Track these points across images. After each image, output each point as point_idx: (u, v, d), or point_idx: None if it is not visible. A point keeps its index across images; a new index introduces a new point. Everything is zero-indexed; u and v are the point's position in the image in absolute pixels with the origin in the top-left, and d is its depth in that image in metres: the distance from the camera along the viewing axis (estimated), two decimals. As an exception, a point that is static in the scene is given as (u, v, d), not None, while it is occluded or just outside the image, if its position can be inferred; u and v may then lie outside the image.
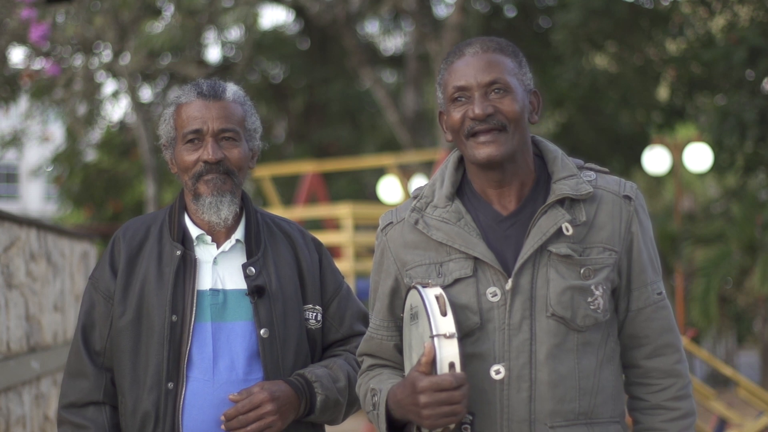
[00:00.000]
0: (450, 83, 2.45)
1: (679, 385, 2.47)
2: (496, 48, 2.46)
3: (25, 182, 39.37)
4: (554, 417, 2.37)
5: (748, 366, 17.44)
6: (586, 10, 12.76)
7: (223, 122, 2.74)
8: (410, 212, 2.51)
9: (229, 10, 15.77)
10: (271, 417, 2.63)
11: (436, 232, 2.45)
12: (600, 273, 2.41)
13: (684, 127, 16.72)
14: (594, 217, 2.44)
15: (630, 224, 2.46)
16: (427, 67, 17.61)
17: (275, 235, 2.85)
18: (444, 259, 2.44)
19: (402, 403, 2.36)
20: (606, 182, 2.49)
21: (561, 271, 2.39)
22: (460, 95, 2.43)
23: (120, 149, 20.27)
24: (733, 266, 13.08)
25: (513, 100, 2.42)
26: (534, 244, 2.39)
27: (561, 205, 2.43)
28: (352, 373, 2.80)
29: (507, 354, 2.38)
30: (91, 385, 2.75)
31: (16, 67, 11.97)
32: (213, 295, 2.73)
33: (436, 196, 2.50)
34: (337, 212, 11.62)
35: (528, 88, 2.48)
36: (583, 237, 2.42)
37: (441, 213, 2.47)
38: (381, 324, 2.56)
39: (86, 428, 2.73)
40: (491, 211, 2.46)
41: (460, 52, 2.46)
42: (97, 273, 2.81)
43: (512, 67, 2.45)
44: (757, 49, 10.90)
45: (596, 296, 2.40)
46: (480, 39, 2.49)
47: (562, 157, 2.50)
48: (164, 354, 2.68)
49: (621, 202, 2.46)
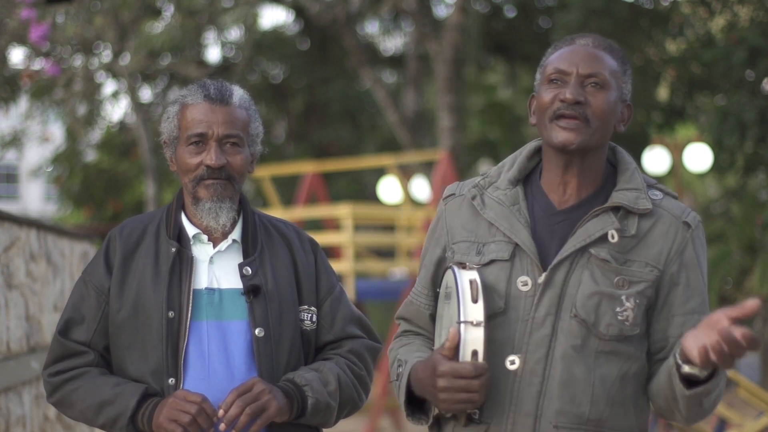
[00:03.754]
0: (552, 64, 2.48)
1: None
2: (606, 47, 2.49)
3: (25, 182, 39.38)
4: (560, 417, 2.37)
5: (748, 366, 17.43)
6: (586, 10, 12.75)
7: (228, 128, 2.75)
8: (471, 188, 2.55)
9: (229, 11, 15.76)
10: (266, 396, 2.63)
11: (488, 211, 2.49)
12: (635, 286, 2.41)
13: (684, 127, 16.72)
14: (646, 234, 2.44)
15: (683, 249, 2.46)
16: (427, 67, 17.61)
17: (272, 236, 2.85)
18: (488, 239, 2.47)
19: (422, 382, 2.40)
20: (670, 204, 2.49)
21: (595, 275, 2.40)
22: (558, 77, 2.45)
23: (120, 149, 20.27)
24: (733, 266, 13.06)
25: (606, 98, 2.44)
26: (577, 243, 2.40)
27: (615, 213, 2.43)
28: (343, 376, 2.80)
29: (525, 346, 2.39)
30: (78, 360, 2.76)
31: (16, 67, 11.98)
32: (209, 294, 2.73)
33: (500, 178, 2.53)
34: (337, 212, 11.62)
35: (624, 96, 2.50)
36: (628, 249, 2.42)
37: (499, 194, 2.50)
38: (422, 291, 2.60)
39: (76, 369, 2.75)
40: (547, 203, 2.48)
41: (571, 40, 2.51)
42: (90, 268, 2.81)
43: (615, 70, 2.48)
44: (757, 49, 10.89)
45: (626, 307, 2.40)
46: (594, 35, 2.53)
47: (634, 170, 2.51)
48: (163, 350, 2.69)
49: (679, 226, 2.46)
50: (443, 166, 12.15)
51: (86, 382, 2.73)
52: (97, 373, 2.74)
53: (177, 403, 2.61)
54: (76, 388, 2.73)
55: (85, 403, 2.72)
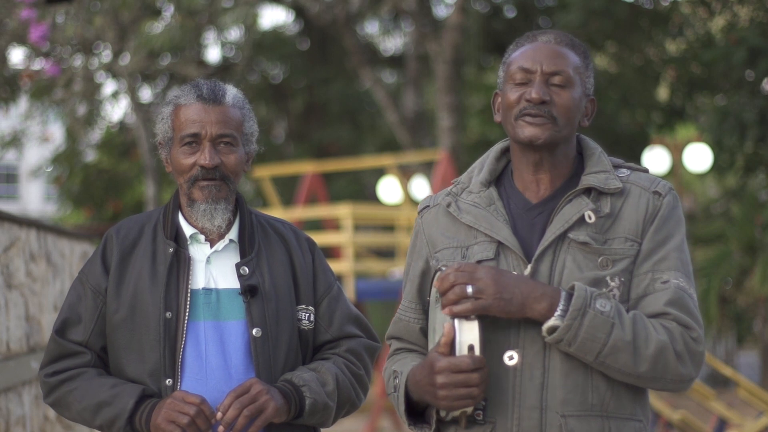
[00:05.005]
0: (515, 63, 2.48)
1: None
2: (568, 43, 2.50)
3: (25, 182, 39.37)
4: (566, 406, 2.38)
5: (748, 366, 17.43)
6: (586, 10, 12.76)
7: (222, 127, 2.74)
8: (445, 196, 2.56)
9: (229, 11, 15.75)
10: (264, 396, 2.63)
11: (465, 215, 2.50)
12: (618, 264, 2.41)
13: (684, 127, 16.72)
14: (619, 210, 2.45)
15: (654, 217, 2.45)
16: (427, 68, 17.60)
17: (269, 235, 2.85)
18: (471, 242, 2.48)
19: (420, 383, 2.39)
20: (638, 178, 2.50)
21: (578, 259, 2.41)
22: (522, 77, 2.46)
23: (120, 149, 20.27)
24: (733, 266, 13.06)
25: (570, 95, 2.46)
26: (556, 230, 2.42)
27: (587, 195, 2.45)
28: (341, 375, 2.79)
29: (521, 340, 2.40)
30: (75, 360, 2.76)
31: (16, 67, 11.98)
32: (206, 294, 2.73)
33: (472, 182, 2.55)
34: (337, 212, 11.62)
35: (587, 91, 2.52)
36: (606, 228, 2.43)
37: (474, 198, 2.52)
38: (409, 306, 2.59)
39: (73, 369, 2.74)
40: (522, 199, 2.50)
41: (533, 37, 2.51)
42: (87, 268, 2.81)
43: (578, 66, 2.49)
44: (756, 49, 10.90)
45: (611, 287, 2.40)
46: (555, 31, 2.53)
47: (599, 154, 2.53)
48: (161, 350, 2.68)
49: (649, 196, 2.46)
50: (443, 166, 12.15)
51: (83, 383, 2.72)
52: (95, 373, 2.74)
53: (175, 404, 2.61)
54: (73, 389, 2.72)
55: (82, 404, 2.71)
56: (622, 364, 2.35)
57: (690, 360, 2.38)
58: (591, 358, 2.35)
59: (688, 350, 2.37)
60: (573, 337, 2.33)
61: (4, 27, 9.92)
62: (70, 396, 2.73)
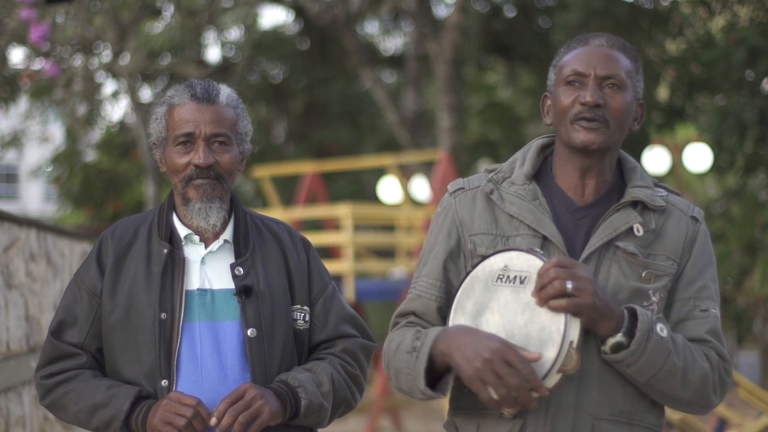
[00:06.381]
0: (568, 66, 2.49)
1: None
2: (620, 47, 2.51)
3: (25, 182, 39.37)
4: (599, 409, 2.40)
5: (748, 366, 17.43)
6: (586, 10, 12.75)
7: (216, 127, 2.74)
8: (486, 182, 2.55)
9: (229, 11, 15.76)
10: (258, 402, 2.63)
11: (509, 205, 2.49)
12: (660, 280, 2.45)
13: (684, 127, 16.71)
14: (662, 228, 2.48)
15: (693, 242, 2.49)
16: (427, 68, 17.60)
17: (264, 235, 2.85)
18: (512, 233, 2.48)
19: (463, 341, 2.33)
20: (676, 200, 2.54)
21: (624, 269, 2.43)
22: (576, 80, 2.47)
23: (120, 149, 20.27)
24: (733, 266, 13.06)
25: (623, 99, 2.47)
26: (603, 237, 2.43)
27: (633, 208, 2.47)
28: (336, 376, 2.79)
29: None
30: (71, 362, 2.75)
31: (16, 67, 11.97)
32: (201, 295, 2.73)
33: (515, 174, 2.54)
34: (336, 212, 11.61)
35: (638, 95, 2.54)
36: (649, 243, 2.46)
37: (517, 189, 2.51)
38: (433, 284, 2.55)
39: (69, 371, 2.74)
40: (566, 199, 2.50)
41: (585, 41, 2.52)
42: (82, 270, 2.81)
43: (630, 70, 2.50)
44: (756, 49, 10.89)
45: (653, 302, 2.43)
46: (607, 34, 2.54)
47: (642, 169, 2.56)
48: (156, 352, 2.68)
49: (688, 221, 2.51)
50: (443, 166, 12.15)
51: (79, 385, 2.72)
52: (90, 375, 2.74)
53: (171, 405, 2.61)
54: (69, 390, 2.72)
55: (78, 405, 2.71)
56: (669, 389, 2.39)
57: (720, 390, 2.45)
58: (643, 380, 2.37)
59: (721, 381, 2.45)
60: (635, 361, 2.35)
61: (4, 27, 9.92)
62: (66, 398, 2.73)
